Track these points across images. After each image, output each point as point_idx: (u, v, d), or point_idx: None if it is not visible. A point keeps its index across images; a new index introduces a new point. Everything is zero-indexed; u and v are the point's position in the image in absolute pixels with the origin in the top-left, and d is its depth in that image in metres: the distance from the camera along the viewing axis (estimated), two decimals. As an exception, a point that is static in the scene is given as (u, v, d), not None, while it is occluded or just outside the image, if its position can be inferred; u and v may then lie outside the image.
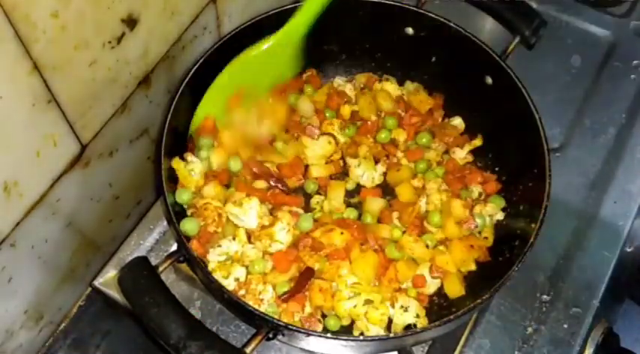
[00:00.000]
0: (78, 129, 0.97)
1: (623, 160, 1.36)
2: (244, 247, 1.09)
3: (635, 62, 1.47)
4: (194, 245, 1.05)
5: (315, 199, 1.21)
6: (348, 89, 1.31)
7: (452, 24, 1.19)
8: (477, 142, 1.26)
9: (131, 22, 0.96)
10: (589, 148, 1.38)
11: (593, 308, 1.22)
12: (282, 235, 1.09)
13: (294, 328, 0.92)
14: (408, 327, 1.08)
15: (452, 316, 0.95)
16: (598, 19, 1.53)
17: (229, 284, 1.05)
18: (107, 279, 1.17)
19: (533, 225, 1.03)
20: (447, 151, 1.27)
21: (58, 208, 1.02)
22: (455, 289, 1.11)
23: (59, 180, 0.99)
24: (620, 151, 1.37)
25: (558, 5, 1.54)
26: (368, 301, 1.05)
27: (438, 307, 1.14)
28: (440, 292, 1.15)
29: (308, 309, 1.07)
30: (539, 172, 1.07)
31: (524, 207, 1.13)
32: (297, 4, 1.17)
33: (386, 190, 1.23)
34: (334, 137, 1.24)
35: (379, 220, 1.19)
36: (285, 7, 1.19)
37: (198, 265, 0.97)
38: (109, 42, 0.94)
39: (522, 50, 1.23)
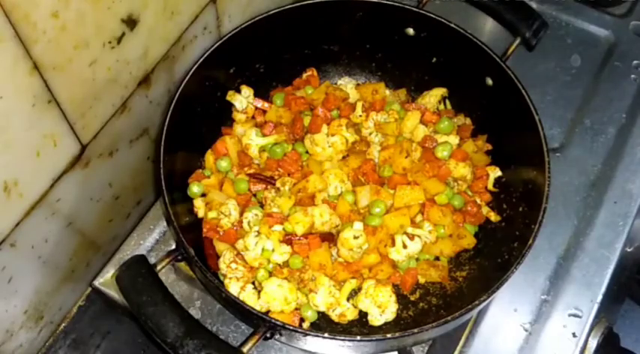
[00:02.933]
0: (78, 129, 0.98)
1: (623, 160, 1.35)
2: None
3: (635, 62, 1.47)
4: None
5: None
6: (349, 88, 1.31)
7: (452, 25, 1.19)
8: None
9: (131, 22, 0.97)
10: (589, 148, 1.37)
11: (593, 308, 1.22)
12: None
13: (291, 327, 0.92)
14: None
15: (451, 316, 0.95)
16: (598, 19, 1.53)
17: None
18: (107, 279, 1.17)
19: (532, 226, 1.02)
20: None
21: (58, 208, 1.02)
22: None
23: (59, 180, 0.99)
24: (620, 151, 1.36)
25: (558, 5, 1.54)
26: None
27: (437, 307, 1.14)
28: (439, 293, 1.16)
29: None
30: (539, 173, 1.07)
31: (523, 208, 1.13)
32: (296, 4, 1.17)
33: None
34: (344, 137, 1.21)
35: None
36: (285, 7, 1.19)
37: (196, 263, 0.97)
38: (109, 42, 0.94)
39: (522, 50, 1.23)
